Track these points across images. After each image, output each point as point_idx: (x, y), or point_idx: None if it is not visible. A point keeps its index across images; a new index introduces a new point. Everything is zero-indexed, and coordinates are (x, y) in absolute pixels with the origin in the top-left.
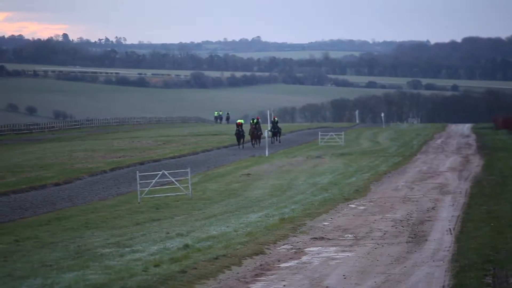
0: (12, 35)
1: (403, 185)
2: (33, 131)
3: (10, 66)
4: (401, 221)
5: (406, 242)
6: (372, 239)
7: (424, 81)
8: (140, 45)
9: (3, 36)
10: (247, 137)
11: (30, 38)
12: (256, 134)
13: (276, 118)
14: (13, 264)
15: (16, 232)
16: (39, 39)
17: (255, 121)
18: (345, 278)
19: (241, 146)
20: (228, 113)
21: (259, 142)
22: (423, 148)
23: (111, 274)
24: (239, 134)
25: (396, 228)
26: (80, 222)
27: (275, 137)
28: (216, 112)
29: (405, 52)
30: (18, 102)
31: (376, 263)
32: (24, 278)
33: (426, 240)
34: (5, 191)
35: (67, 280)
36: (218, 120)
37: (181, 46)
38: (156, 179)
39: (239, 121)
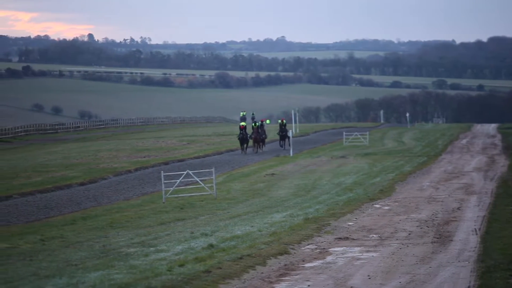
0: (38, 35)
1: (428, 185)
2: (59, 131)
3: (36, 66)
4: (426, 221)
5: (431, 243)
6: (397, 239)
7: (450, 81)
8: (165, 45)
9: (29, 37)
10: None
11: (56, 39)
12: (259, 138)
13: (284, 121)
14: (38, 263)
15: (42, 231)
16: (65, 40)
17: (258, 124)
18: (369, 278)
19: (243, 151)
20: (253, 114)
21: (263, 146)
22: (448, 148)
23: (136, 273)
24: (243, 138)
25: (421, 228)
26: (105, 222)
27: (283, 141)
28: (241, 113)
29: (430, 51)
30: (44, 102)
31: (401, 263)
32: (49, 277)
33: (452, 240)
34: (31, 190)
35: (92, 280)
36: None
37: (206, 46)
38: (180, 179)
39: (242, 124)
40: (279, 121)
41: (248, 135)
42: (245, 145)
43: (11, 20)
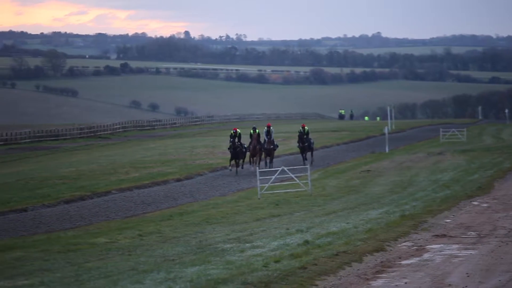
0: (136, 33)
1: None
2: (156, 127)
3: (133, 64)
4: None
5: None
6: (496, 237)
7: None
8: (260, 42)
9: (127, 34)
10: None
11: (153, 36)
12: (260, 149)
13: (306, 127)
14: (137, 258)
15: (140, 226)
16: (161, 37)
17: (257, 131)
18: (468, 276)
19: (237, 168)
20: (351, 111)
21: (271, 161)
22: None
23: (232, 269)
24: (235, 150)
25: None
26: (201, 218)
27: (304, 154)
28: (340, 111)
29: None
30: (141, 99)
31: (501, 262)
32: (147, 272)
33: None
34: (129, 186)
35: (189, 275)
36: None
37: (301, 43)
38: (276, 175)
39: (235, 130)
40: (300, 128)
41: (245, 147)
42: (240, 161)
43: (108, 18)
